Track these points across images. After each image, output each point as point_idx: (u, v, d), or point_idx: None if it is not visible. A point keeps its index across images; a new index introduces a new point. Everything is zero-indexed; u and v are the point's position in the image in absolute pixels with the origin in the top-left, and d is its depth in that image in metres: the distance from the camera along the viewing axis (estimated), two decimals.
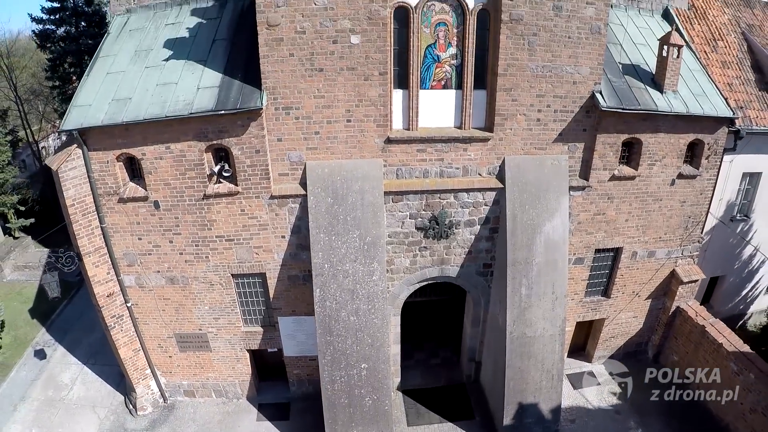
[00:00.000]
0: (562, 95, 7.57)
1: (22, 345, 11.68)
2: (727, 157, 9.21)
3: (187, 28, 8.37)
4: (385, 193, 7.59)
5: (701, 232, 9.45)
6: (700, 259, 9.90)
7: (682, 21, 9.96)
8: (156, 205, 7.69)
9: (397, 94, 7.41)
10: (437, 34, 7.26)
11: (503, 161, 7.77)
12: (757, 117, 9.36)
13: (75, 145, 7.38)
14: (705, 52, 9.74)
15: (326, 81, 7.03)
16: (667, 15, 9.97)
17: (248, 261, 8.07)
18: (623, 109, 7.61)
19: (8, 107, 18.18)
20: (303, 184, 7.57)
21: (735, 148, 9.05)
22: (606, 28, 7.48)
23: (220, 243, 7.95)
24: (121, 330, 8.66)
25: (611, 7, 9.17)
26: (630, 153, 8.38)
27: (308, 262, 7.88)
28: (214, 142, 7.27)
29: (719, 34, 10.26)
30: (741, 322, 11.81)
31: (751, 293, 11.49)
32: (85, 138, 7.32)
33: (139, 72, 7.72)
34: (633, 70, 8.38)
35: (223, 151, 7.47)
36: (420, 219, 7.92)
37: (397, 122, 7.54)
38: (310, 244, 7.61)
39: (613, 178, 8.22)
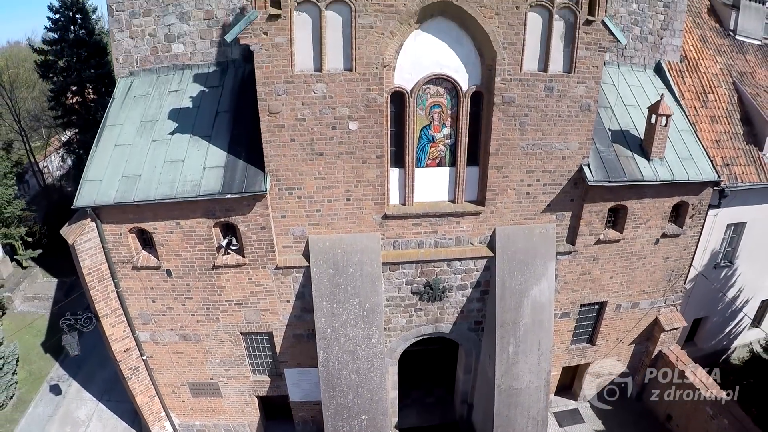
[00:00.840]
0: (551, 170, 8.11)
1: (38, 380, 12.56)
2: (712, 211, 9.81)
3: (191, 97, 8.82)
4: (383, 264, 8.26)
5: (684, 283, 10.14)
6: (683, 305, 10.63)
7: (674, 75, 10.35)
8: (168, 273, 8.36)
9: (394, 172, 7.96)
10: (432, 116, 7.74)
11: (494, 231, 8.39)
12: (743, 173, 9.88)
13: (89, 219, 8.01)
14: (695, 107, 10.16)
15: (326, 164, 7.57)
16: (659, 70, 10.35)
17: (256, 322, 8.81)
18: (609, 182, 8.16)
19: (13, 140, 18.61)
20: (306, 255, 8.22)
21: (720, 204, 9.62)
22: (596, 105, 7.95)
23: (230, 306, 8.67)
24: (138, 379, 9.49)
25: (604, 64, 9.62)
26: (616, 217, 8.98)
27: (312, 322, 8.61)
28: (222, 219, 7.88)
29: (710, 86, 10.64)
30: (725, 356, 12.65)
31: (734, 330, 12.28)
32: (98, 212, 7.93)
33: (146, 146, 8.24)
34: (622, 137, 8.87)
35: (231, 226, 8.09)
36: (415, 284, 8.60)
37: (394, 197, 8.12)
38: (313, 309, 8.32)
39: (599, 242, 8.85)
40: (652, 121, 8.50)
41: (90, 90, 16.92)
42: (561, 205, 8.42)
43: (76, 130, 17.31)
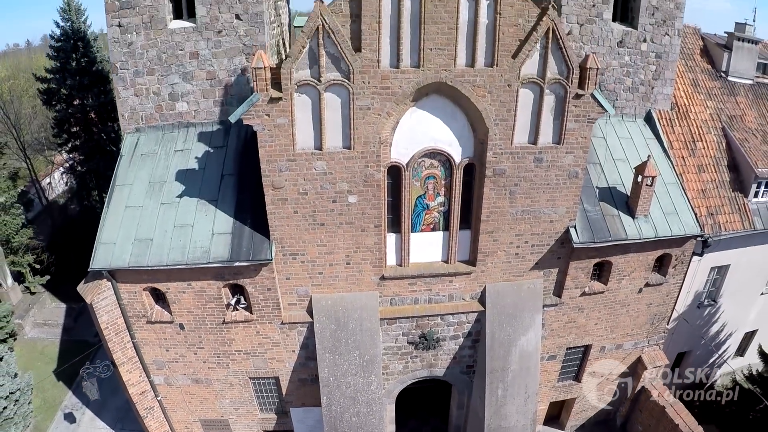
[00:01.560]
0: (539, 233, 8.75)
1: (52, 408, 13.48)
2: (695, 258, 10.46)
3: (196, 158, 9.39)
4: (381, 319, 9.00)
5: (667, 324, 10.88)
6: (667, 342, 11.41)
7: (664, 125, 10.83)
8: (181, 326, 9.12)
9: (391, 237, 8.61)
10: (427, 186, 8.33)
11: (484, 288, 9.09)
12: (727, 222, 10.48)
13: (105, 279, 8.71)
14: (683, 157, 10.68)
15: (327, 233, 8.22)
16: (649, 119, 10.82)
17: (263, 368, 9.63)
18: (594, 242, 8.80)
19: (18, 168, 19.16)
20: (309, 312, 8.96)
21: (703, 253, 10.27)
22: (584, 172, 8.52)
23: (239, 355, 9.47)
24: (153, 417, 10.39)
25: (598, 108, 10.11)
26: (600, 270, 9.66)
27: (315, 368, 9.41)
28: (230, 281, 8.58)
29: (699, 133, 11.13)
30: (709, 384, 13.50)
31: (718, 360, 13.10)
32: (113, 273, 8.62)
33: (156, 208, 8.87)
34: (609, 194, 9.45)
35: (239, 286, 8.79)
36: (411, 336, 9.37)
37: (391, 259, 8.80)
38: (317, 358, 9.11)
39: (584, 294, 9.55)
40: (639, 180, 9.08)
41: (94, 117, 17.38)
42: (548, 263, 9.10)
43: (81, 157, 17.81)
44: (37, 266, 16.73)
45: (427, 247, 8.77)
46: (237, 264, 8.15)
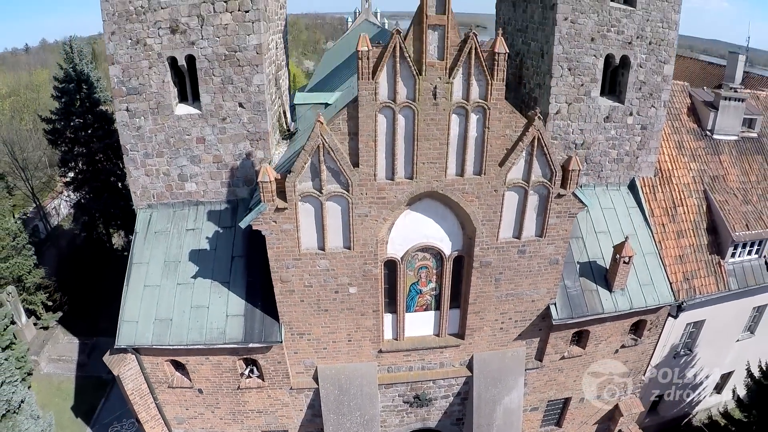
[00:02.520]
0: (522, 310, 9.91)
1: None
2: (671, 318, 11.65)
3: (207, 238, 10.43)
4: (379, 384, 10.30)
5: (643, 376, 12.21)
6: (644, 389, 12.76)
7: (646, 192, 11.77)
8: (199, 391, 10.45)
9: (388, 317, 9.79)
10: (420, 275, 9.44)
11: (472, 356, 10.35)
12: (702, 285, 11.59)
13: (130, 353, 9.96)
14: (663, 224, 11.67)
15: (330, 317, 9.39)
16: (633, 186, 11.74)
17: (274, 423, 11.04)
18: (572, 318, 9.97)
19: (27, 210, 20.17)
20: (315, 378, 10.26)
21: (678, 315, 11.44)
22: (564, 258, 9.58)
23: (252, 413, 10.84)
24: None
25: (580, 187, 11.09)
26: (579, 336, 10.87)
27: (320, 423, 10.81)
28: (244, 356, 9.82)
29: (681, 198, 12.07)
30: (687, 420, 14.99)
31: (695, 399, 14.51)
32: (137, 349, 9.86)
33: (173, 288, 10.00)
34: (589, 269, 10.55)
35: (252, 359, 10.03)
36: (406, 396, 10.71)
37: (388, 334, 10.01)
38: (322, 417, 10.49)
39: (563, 358, 10.80)
40: (617, 259, 10.15)
41: (100, 156, 18.20)
42: (530, 334, 10.31)
43: (89, 195, 18.71)
44: (50, 303, 18.02)
45: (420, 324, 9.98)
46: (251, 345, 9.39)
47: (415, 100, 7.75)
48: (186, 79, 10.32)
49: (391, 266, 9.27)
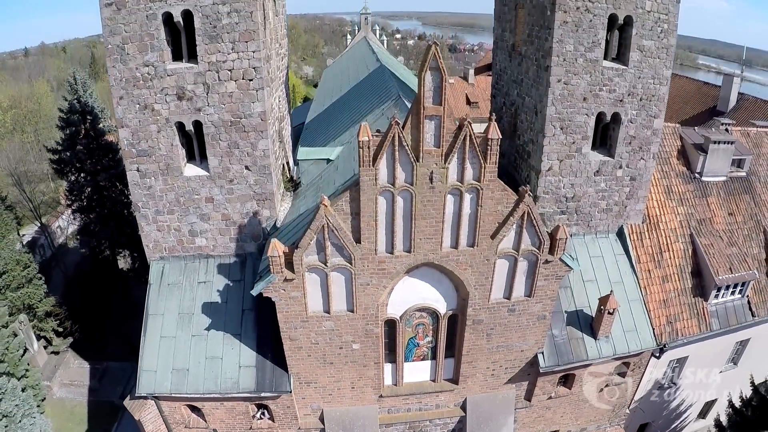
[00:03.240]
0: (512, 359, 10.98)
1: None
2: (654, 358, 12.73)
3: (218, 291, 11.39)
4: (380, 424, 11.46)
5: (627, 408, 13.40)
6: (628, 419, 13.98)
7: (634, 240, 12.66)
8: (214, 431, 11.62)
9: (388, 366, 10.88)
10: (417, 330, 10.46)
11: (465, 398, 11.47)
12: (684, 327, 12.62)
13: (149, 399, 11.08)
14: (648, 270, 12.61)
15: (335, 369, 10.46)
16: (621, 233, 12.62)
17: None
18: (558, 365, 11.04)
19: (38, 238, 21.07)
20: (321, 419, 11.41)
21: (661, 356, 12.51)
22: (551, 314, 10.56)
23: None
24: None
25: (571, 236, 12.01)
26: (566, 378, 11.97)
27: None
28: (256, 402, 10.94)
29: (667, 243, 12.96)
30: None
31: (680, 425, 15.77)
32: (156, 396, 10.97)
33: (188, 340, 11.02)
34: (576, 318, 11.55)
35: (263, 404, 11.16)
36: None
37: (388, 380, 11.11)
38: None
39: (550, 398, 11.95)
40: (602, 310, 11.14)
41: (106, 185, 18.94)
42: (519, 378, 11.42)
43: (96, 221, 19.56)
44: (60, 329, 19.11)
45: (417, 371, 11.06)
46: (263, 395, 10.49)
47: (413, 184, 8.58)
48: (194, 141, 11.12)
49: (390, 324, 10.29)
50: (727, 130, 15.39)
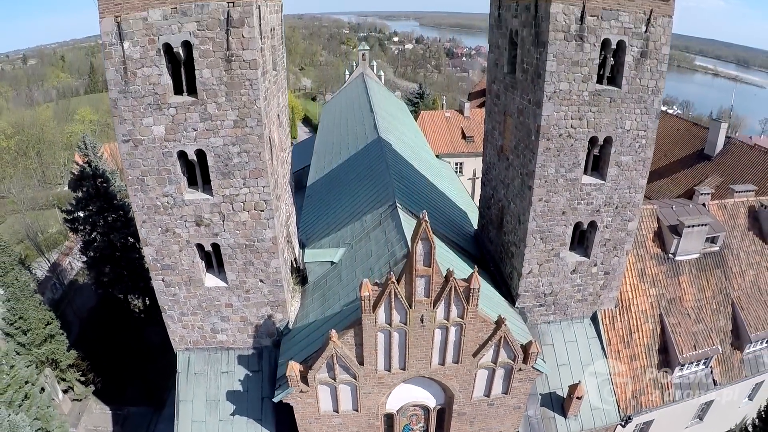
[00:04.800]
0: None
1: None
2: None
3: (239, 380, 13.94)
4: None
5: None
6: None
7: (606, 324, 15.03)
8: None
9: None
10: (411, 419, 13.09)
11: None
12: (648, 400, 15.24)
13: None
14: (618, 350, 15.07)
15: None
16: (594, 318, 14.97)
17: None
18: None
19: (62, 296, 23.40)
20: None
21: (626, 425, 15.24)
22: (525, 405, 13.13)
23: None
24: None
25: (548, 324, 14.47)
26: None
27: None
28: None
29: (637, 324, 15.33)
30: None
31: None
32: None
33: (216, 424, 13.70)
34: (549, 400, 14.16)
35: None
36: None
37: None
38: None
39: None
40: (571, 396, 13.72)
41: (120, 243, 21.05)
42: None
43: (112, 275, 21.84)
44: (82, 379, 21.93)
45: None
46: None
47: (407, 324, 10.86)
48: (212, 257, 13.26)
49: (388, 416, 12.92)
50: (704, 205, 17.39)
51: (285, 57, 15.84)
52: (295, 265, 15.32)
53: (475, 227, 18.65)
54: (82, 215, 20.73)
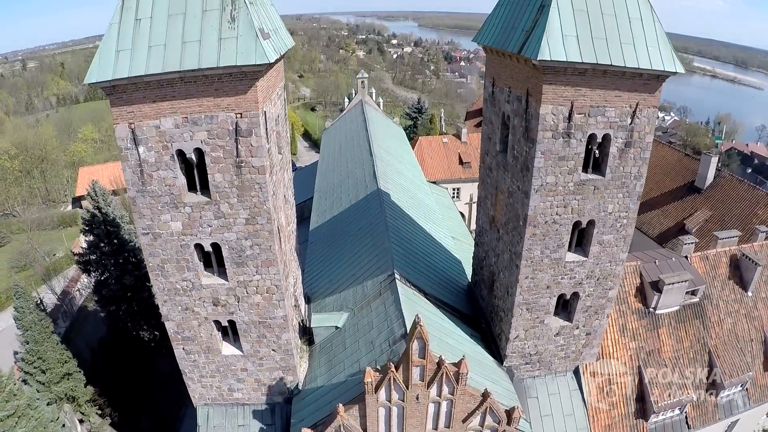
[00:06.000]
0: None
1: None
2: None
3: None
4: None
5: None
6: None
7: (587, 376, 17.17)
8: None
9: None
10: None
11: None
12: None
13: None
14: (598, 401, 17.27)
15: None
16: (576, 371, 17.17)
17: None
18: None
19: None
20: None
21: None
22: None
23: None
24: None
25: (533, 378, 16.74)
26: None
27: None
28: None
29: (617, 375, 17.49)
30: None
31: None
32: None
33: None
34: None
35: None
36: None
37: None
38: None
39: None
40: None
41: (132, 284, 23.07)
42: None
43: (126, 316, 23.96)
44: (99, 412, 24.44)
45: None
46: None
47: (404, 401, 12.99)
48: (228, 330, 15.33)
49: None
50: (686, 257, 19.31)
51: (287, 124, 17.42)
52: (302, 325, 17.44)
53: (469, 278, 20.65)
54: (93, 258, 22.73)
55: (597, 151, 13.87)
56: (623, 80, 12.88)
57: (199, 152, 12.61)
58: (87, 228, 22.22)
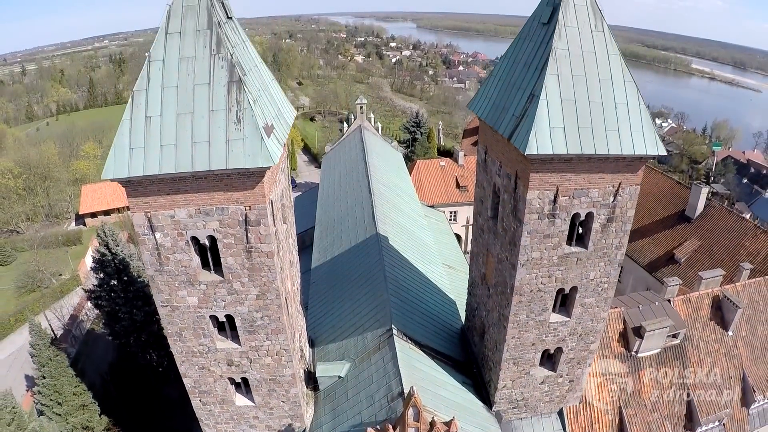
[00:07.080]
0: None
1: None
2: None
3: None
4: None
5: None
6: None
7: (570, 418, 19.51)
8: None
9: None
10: None
11: None
12: None
13: None
14: None
15: None
16: (560, 413, 19.52)
17: None
18: None
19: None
20: None
21: None
22: None
23: None
24: None
25: (520, 419, 19.17)
26: None
27: None
28: None
29: (598, 417, 19.80)
30: None
31: None
32: None
33: None
34: None
35: None
36: None
37: None
38: None
39: None
40: None
41: (142, 319, 25.29)
42: None
43: (137, 349, 26.29)
44: None
45: None
46: None
47: None
48: (241, 384, 17.63)
49: None
50: (669, 300, 21.38)
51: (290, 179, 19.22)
52: (307, 371, 19.77)
53: (462, 320, 22.75)
54: (104, 294, 24.94)
55: (580, 227, 15.74)
56: (607, 164, 14.35)
57: (212, 237, 14.55)
58: (98, 266, 24.33)
